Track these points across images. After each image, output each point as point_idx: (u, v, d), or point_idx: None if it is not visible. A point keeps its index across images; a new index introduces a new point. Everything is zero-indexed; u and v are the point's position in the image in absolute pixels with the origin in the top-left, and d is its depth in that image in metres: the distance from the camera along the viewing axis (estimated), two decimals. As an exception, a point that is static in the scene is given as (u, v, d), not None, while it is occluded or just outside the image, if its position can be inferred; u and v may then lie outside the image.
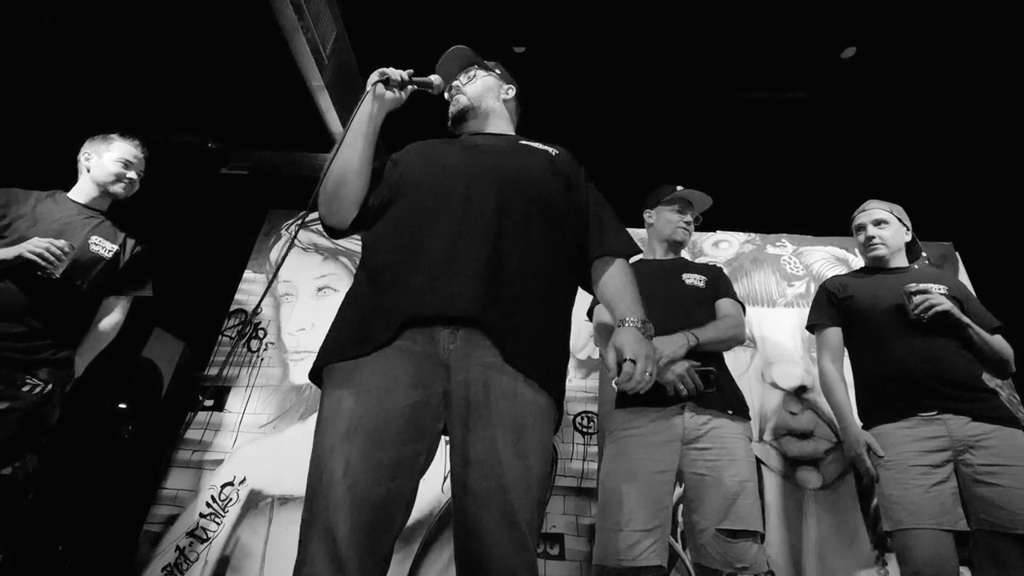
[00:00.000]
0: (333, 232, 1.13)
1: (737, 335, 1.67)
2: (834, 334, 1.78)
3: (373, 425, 0.88)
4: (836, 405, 1.68)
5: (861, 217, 1.88)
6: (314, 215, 3.14)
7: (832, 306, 1.82)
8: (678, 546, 2.07)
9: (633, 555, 1.38)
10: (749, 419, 1.61)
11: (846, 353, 1.78)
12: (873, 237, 1.81)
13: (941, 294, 1.61)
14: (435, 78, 1.21)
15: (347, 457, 0.86)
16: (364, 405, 0.89)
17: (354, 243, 2.78)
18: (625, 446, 1.53)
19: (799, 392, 2.36)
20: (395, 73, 1.14)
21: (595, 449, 2.25)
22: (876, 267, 1.84)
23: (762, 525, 1.48)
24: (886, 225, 1.82)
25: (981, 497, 1.45)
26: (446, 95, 1.32)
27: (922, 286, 1.62)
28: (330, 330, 1.01)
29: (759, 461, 2.22)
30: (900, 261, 1.82)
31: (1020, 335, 1.72)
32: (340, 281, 2.69)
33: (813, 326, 1.85)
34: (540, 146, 1.22)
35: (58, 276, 1.61)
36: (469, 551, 0.85)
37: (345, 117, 2.60)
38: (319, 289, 2.67)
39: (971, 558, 1.51)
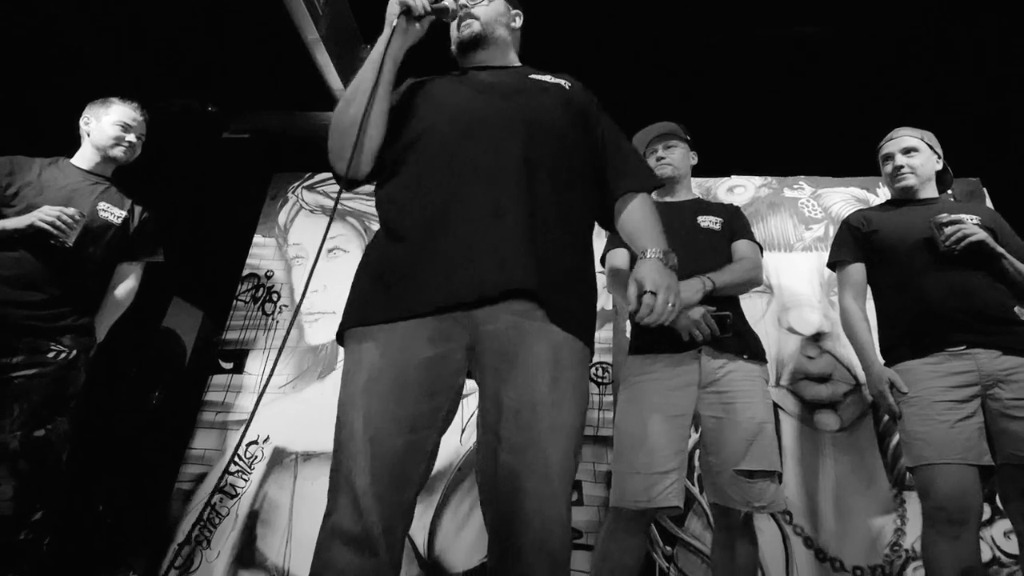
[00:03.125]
0: (346, 183, 1.06)
1: (754, 277, 1.63)
2: (856, 270, 1.71)
3: (391, 378, 0.87)
4: (858, 343, 1.63)
5: (889, 146, 1.77)
6: (319, 177, 3.09)
7: (855, 241, 1.74)
8: (695, 489, 2.10)
9: (649, 496, 1.40)
10: (766, 362, 1.60)
11: (868, 291, 1.73)
12: (902, 167, 1.71)
13: (974, 224, 1.53)
14: (449, 2, 1.10)
15: (366, 410, 0.86)
16: (383, 359, 0.88)
17: (361, 203, 2.75)
18: (640, 391, 1.52)
19: (817, 337, 2.33)
20: (417, 2, 1.02)
21: (610, 399, 2.26)
22: (904, 199, 1.75)
23: (780, 464, 1.48)
24: (916, 153, 1.72)
25: (1009, 431, 1.42)
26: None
27: (954, 216, 1.54)
28: (353, 291, 0.98)
29: (776, 406, 2.22)
30: (930, 192, 1.73)
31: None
32: (349, 242, 2.68)
33: (835, 263, 1.78)
34: (551, 79, 1.14)
35: (70, 244, 1.61)
36: (500, 502, 0.84)
37: (343, 71, 2.52)
38: (328, 251, 2.66)
39: (995, 492, 1.50)
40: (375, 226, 1.05)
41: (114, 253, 1.81)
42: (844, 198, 2.65)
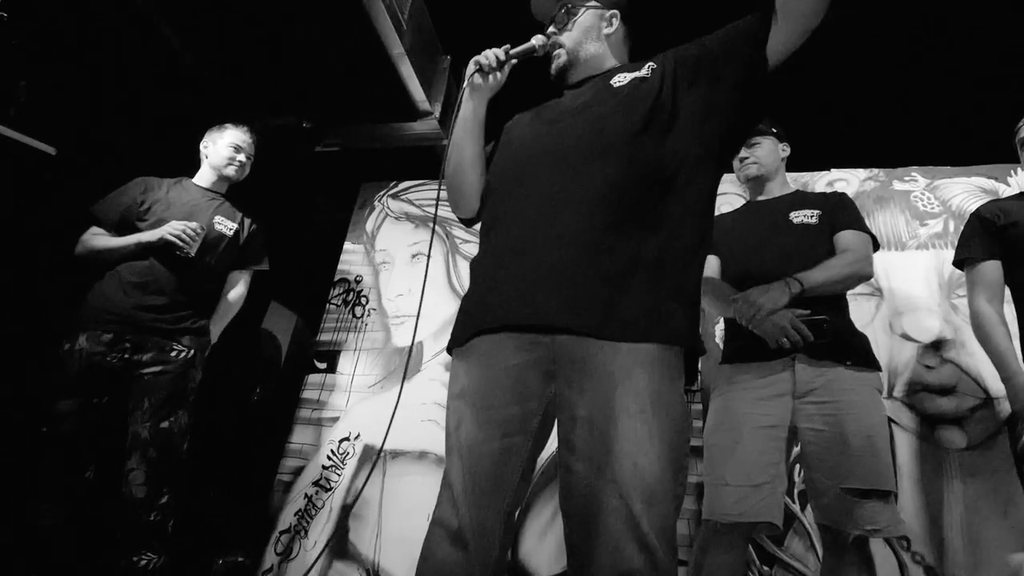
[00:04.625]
0: (467, 223, 1.22)
1: (858, 271, 1.47)
2: (991, 268, 1.51)
3: (482, 384, 0.92)
4: (996, 350, 1.43)
5: None
6: (403, 185, 3.20)
7: (988, 235, 1.54)
8: (795, 506, 1.95)
9: (740, 510, 1.32)
10: (878, 369, 1.45)
11: (1007, 293, 1.52)
12: None
13: None
14: (537, 40, 1.12)
15: (460, 415, 0.92)
16: (476, 368, 0.94)
17: (443, 210, 2.82)
18: (730, 400, 1.46)
19: (936, 345, 2.09)
20: (489, 56, 1.08)
21: (699, 407, 2.16)
22: None
23: (895, 484, 1.34)
24: None
25: None
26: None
27: None
28: (460, 307, 1.06)
29: (890, 420, 2.01)
30: None
31: None
32: (432, 247, 2.76)
33: (963, 260, 1.58)
34: (628, 78, 1.04)
35: (193, 255, 1.78)
36: (575, 516, 0.82)
37: (426, 83, 2.60)
38: (412, 256, 2.76)
39: None
40: (456, 231, 1.16)
41: (227, 262, 1.98)
42: (967, 189, 2.38)
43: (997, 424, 1.93)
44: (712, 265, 1.61)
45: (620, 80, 1.04)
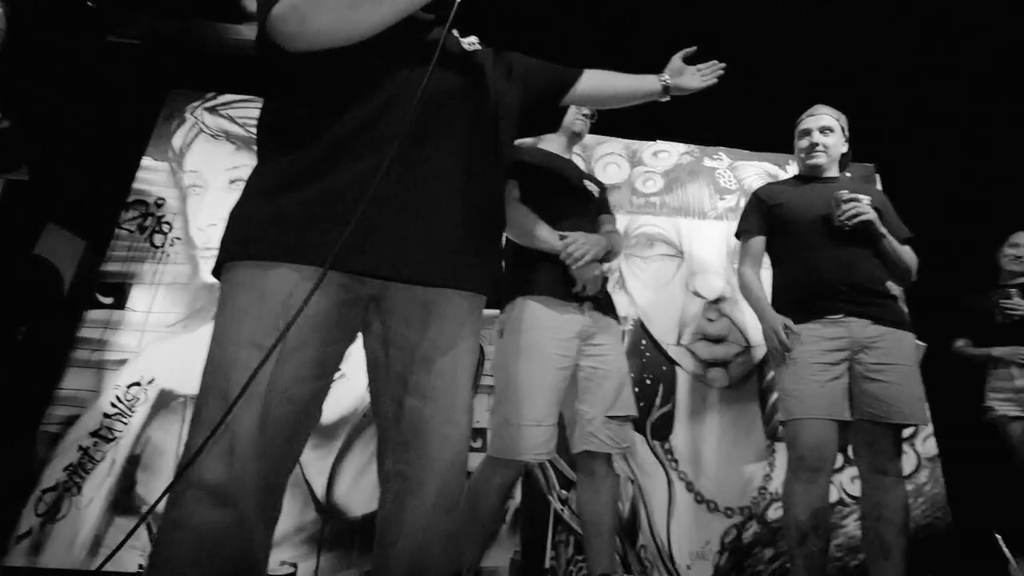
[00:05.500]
0: (278, 50, 0.85)
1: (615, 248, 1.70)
2: (758, 243, 1.83)
3: (290, 317, 0.77)
4: (755, 300, 1.76)
5: (809, 121, 1.85)
6: (224, 98, 2.78)
7: (761, 213, 1.85)
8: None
9: (548, 448, 1.44)
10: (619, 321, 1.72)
11: (766, 260, 1.84)
12: (817, 144, 1.81)
13: (866, 203, 1.65)
14: None
15: (253, 350, 0.75)
16: (283, 295, 0.79)
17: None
18: (536, 339, 1.48)
19: (718, 301, 2.47)
20: None
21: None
22: (810, 175, 1.86)
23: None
24: (831, 133, 1.82)
25: (867, 392, 1.59)
26: None
27: (853, 195, 1.65)
28: (244, 214, 0.84)
29: (673, 362, 2.35)
30: (833, 171, 1.85)
31: (925, 254, 1.83)
32: (255, 174, 2.47)
33: (741, 233, 1.88)
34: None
35: None
36: (406, 446, 0.86)
37: (252, -22, 2.24)
38: (231, 182, 2.43)
39: (849, 444, 1.69)
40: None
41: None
42: (757, 172, 2.78)
43: (751, 367, 2.38)
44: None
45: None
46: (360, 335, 0.91)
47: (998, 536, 2.17)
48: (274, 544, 2.08)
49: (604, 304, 1.60)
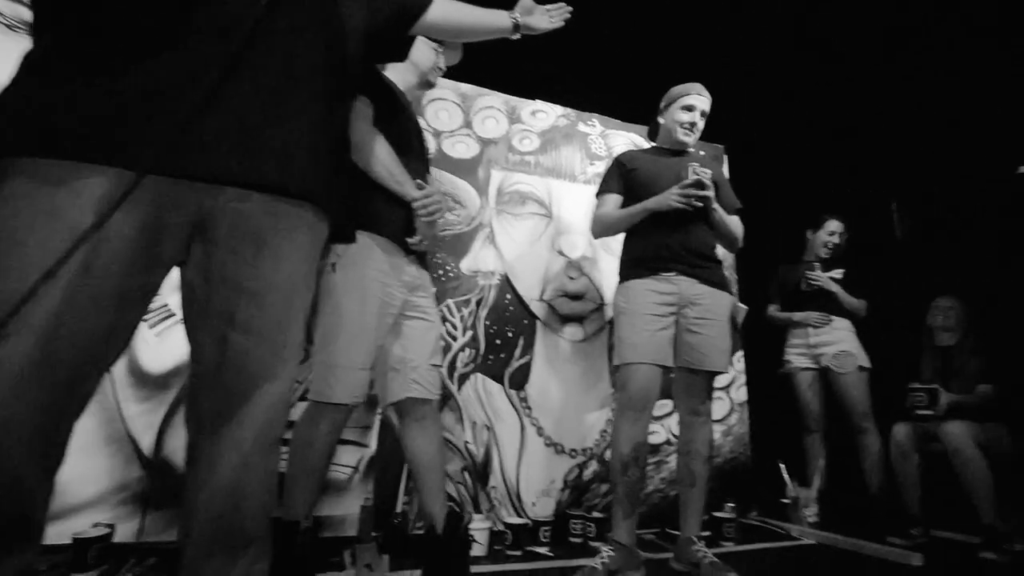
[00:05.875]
0: None
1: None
2: (614, 199, 1.97)
3: (84, 231, 0.65)
4: (626, 213, 1.89)
5: (698, 101, 1.96)
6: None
7: (620, 177, 1.99)
8: (453, 387, 2.25)
9: (364, 393, 1.44)
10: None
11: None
12: (695, 124, 1.96)
13: (708, 178, 1.82)
14: None
15: (31, 268, 0.64)
16: (77, 205, 0.66)
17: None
18: (372, 281, 1.43)
19: (580, 261, 2.61)
20: None
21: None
22: (668, 148, 2.02)
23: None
24: (703, 117, 1.98)
25: (687, 342, 1.81)
26: None
27: (702, 169, 1.81)
28: (26, 97, 0.67)
29: (535, 317, 2.47)
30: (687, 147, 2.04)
31: (756, 227, 2.08)
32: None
33: (600, 193, 2.01)
34: None
35: None
36: (226, 386, 0.79)
37: None
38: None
39: (670, 388, 1.92)
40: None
41: None
42: (626, 141, 2.94)
43: (603, 323, 2.57)
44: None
45: None
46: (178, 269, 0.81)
47: (781, 465, 2.64)
48: (90, 504, 1.87)
49: (424, 260, 1.62)
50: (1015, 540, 2.06)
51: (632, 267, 1.88)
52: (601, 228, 1.97)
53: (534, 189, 2.64)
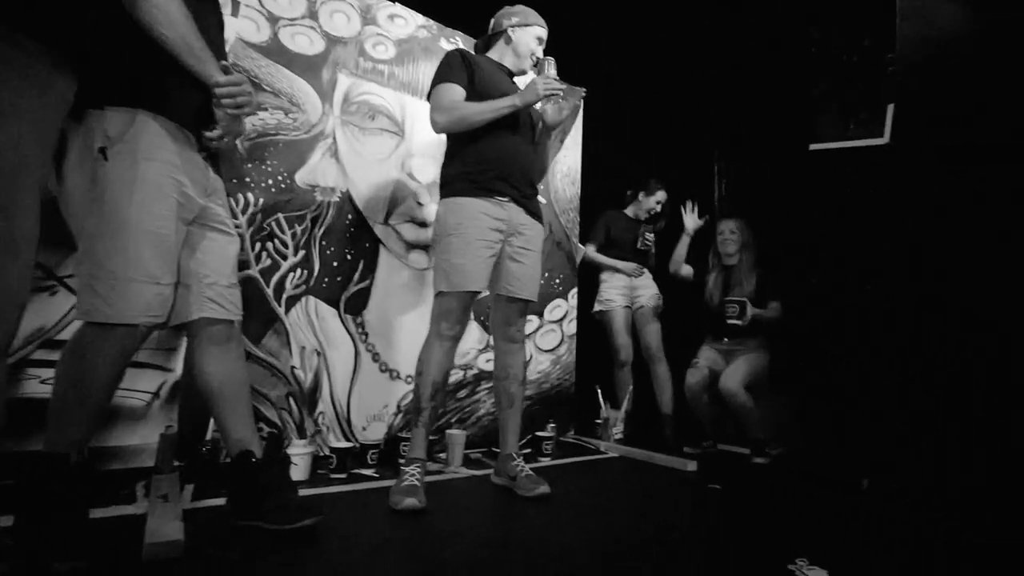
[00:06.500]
0: None
1: None
2: (458, 91, 1.78)
3: None
4: (479, 107, 1.74)
5: (542, 32, 1.95)
6: None
7: (465, 69, 1.82)
8: (280, 309, 2.07)
9: (164, 312, 1.23)
10: None
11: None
12: (535, 54, 1.94)
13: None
14: None
15: None
16: None
17: None
18: (161, 174, 1.18)
19: (431, 187, 2.52)
20: None
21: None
22: (504, 67, 1.96)
23: None
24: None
25: (510, 270, 1.87)
26: None
27: (561, 88, 1.73)
28: None
29: (379, 242, 2.35)
30: None
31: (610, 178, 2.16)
32: None
33: (443, 81, 1.79)
34: None
35: None
36: None
37: None
38: None
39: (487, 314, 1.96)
40: None
41: None
42: (488, 68, 2.82)
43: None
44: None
45: None
46: None
47: (597, 388, 2.97)
48: None
49: (216, 163, 1.40)
50: (773, 447, 2.64)
51: (464, 182, 1.78)
52: (450, 119, 1.75)
53: (386, 103, 2.43)
